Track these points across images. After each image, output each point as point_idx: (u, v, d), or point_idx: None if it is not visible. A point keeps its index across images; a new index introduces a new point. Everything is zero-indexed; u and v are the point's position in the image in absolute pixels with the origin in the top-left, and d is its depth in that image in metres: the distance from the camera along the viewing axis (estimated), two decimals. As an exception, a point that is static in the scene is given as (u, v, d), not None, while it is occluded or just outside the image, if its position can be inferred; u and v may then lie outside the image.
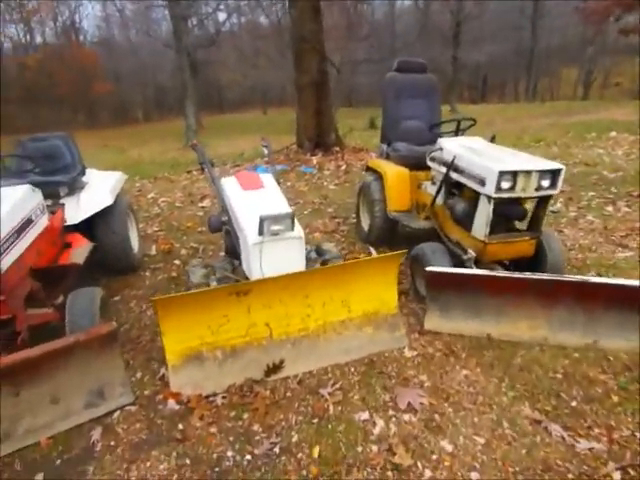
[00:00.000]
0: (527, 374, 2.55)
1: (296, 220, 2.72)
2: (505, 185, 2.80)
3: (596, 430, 2.17)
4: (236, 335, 2.65)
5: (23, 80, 31.54)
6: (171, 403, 2.47)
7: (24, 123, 28.97)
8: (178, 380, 2.55)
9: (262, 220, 2.54)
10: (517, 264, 3.24)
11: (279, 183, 3.58)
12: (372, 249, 4.27)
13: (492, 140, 3.69)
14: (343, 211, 5.50)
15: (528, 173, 2.81)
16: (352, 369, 2.67)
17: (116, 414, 2.42)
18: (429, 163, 3.71)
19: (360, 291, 2.82)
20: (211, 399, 2.48)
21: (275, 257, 2.70)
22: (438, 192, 3.49)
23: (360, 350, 2.79)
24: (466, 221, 3.21)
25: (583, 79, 34.66)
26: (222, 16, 29.02)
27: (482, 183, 2.91)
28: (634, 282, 2.60)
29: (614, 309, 2.65)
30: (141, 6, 26.56)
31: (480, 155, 3.10)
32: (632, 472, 1.96)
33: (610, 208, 5.09)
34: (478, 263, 3.10)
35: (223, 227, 3.28)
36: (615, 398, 2.35)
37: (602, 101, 26.45)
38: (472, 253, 3.04)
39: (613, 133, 11.90)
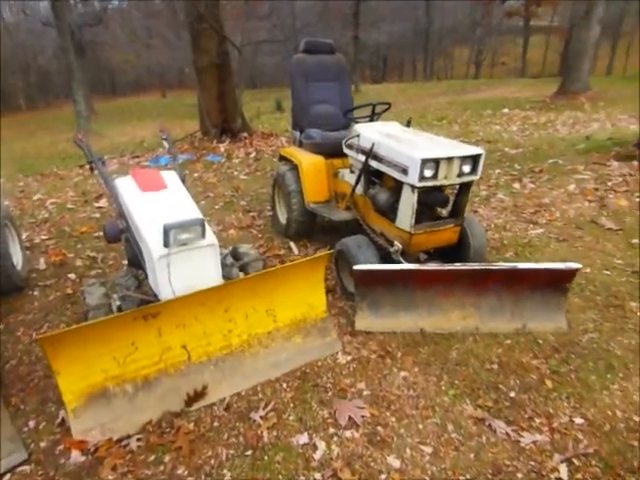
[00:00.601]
0: (464, 368, 2.47)
1: (207, 225, 2.39)
2: (428, 173, 2.68)
3: (537, 420, 2.14)
4: (148, 363, 2.30)
5: None
6: (75, 455, 2.07)
7: None
8: (81, 425, 2.15)
9: (167, 230, 2.19)
10: (440, 251, 3.17)
11: (185, 175, 3.21)
12: (293, 244, 4.03)
13: (408, 125, 3.58)
14: (257, 203, 5.18)
15: (450, 160, 2.70)
16: (284, 385, 2.43)
17: (6, 478, 1.99)
18: (346, 150, 3.52)
19: (285, 298, 2.57)
20: (124, 443, 2.11)
21: (186, 270, 2.37)
22: (357, 181, 3.31)
23: (291, 362, 2.55)
24: (389, 211, 3.07)
25: (474, 59, 36.69)
26: (109, -9, 26.70)
27: (404, 172, 2.76)
28: (558, 265, 2.61)
29: (539, 292, 2.66)
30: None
31: (399, 142, 2.95)
32: (577, 462, 1.94)
33: (517, 185, 5.28)
34: (404, 254, 2.98)
35: (122, 235, 2.86)
36: (549, 383, 2.35)
37: (492, 79, 28.26)
38: (398, 245, 2.91)
39: (506, 110, 12.67)
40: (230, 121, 9.15)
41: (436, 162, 2.66)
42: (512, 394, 2.29)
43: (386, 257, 3.00)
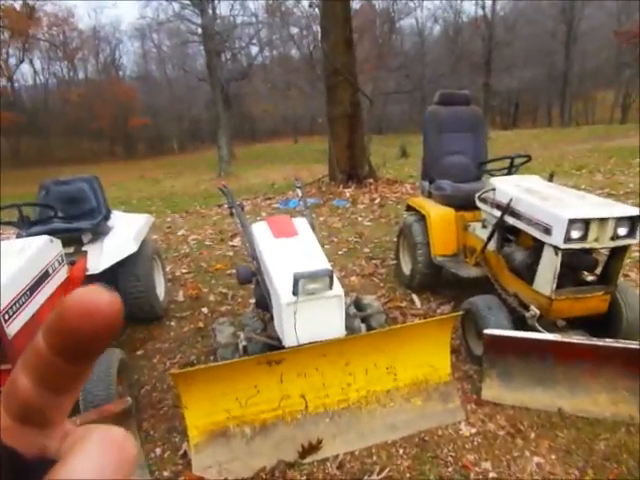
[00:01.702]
0: (615, 465, 2.11)
1: (335, 276, 2.41)
2: (576, 235, 2.43)
3: None
4: (267, 408, 2.33)
5: (66, 114, 33.03)
6: (193, 490, 2.15)
7: (66, 155, 30.18)
8: (201, 461, 2.23)
9: (297, 279, 2.24)
10: (584, 319, 2.82)
11: (313, 221, 3.31)
12: (415, 297, 3.90)
13: (550, 179, 3.33)
14: (380, 251, 5.15)
15: (603, 221, 2.43)
16: (400, 451, 2.29)
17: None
18: (479, 204, 3.36)
19: (408, 356, 2.47)
20: (238, 486, 2.14)
21: (311, 318, 2.38)
22: (490, 237, 3.13)
23: (408, 426, 2.41)
24: (526, 273, 2.83)
25: (620, 102, 33.68)
26: (254, 49, 29.78)
27: (547, 232, 2.53)
28: None
29: None
30: (177, 42, 27.49)
31: (542, 198, 2.73)
32: None
33: (679, 247, 4.58)
34: (540, 320, 2.69)
35: (253, 277, 3.01)
36: None
37: (642, 124, 25.56)
38: (535, 310, 2.65)
39: (660, 158, 11.28)
40: (357, 167, 9.38)
41: (586, 223, 2.41)
42: (679, 507, 1.90)
43: (519, 322, 2.75)
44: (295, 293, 2.28)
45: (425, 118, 4.11)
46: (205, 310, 3.93)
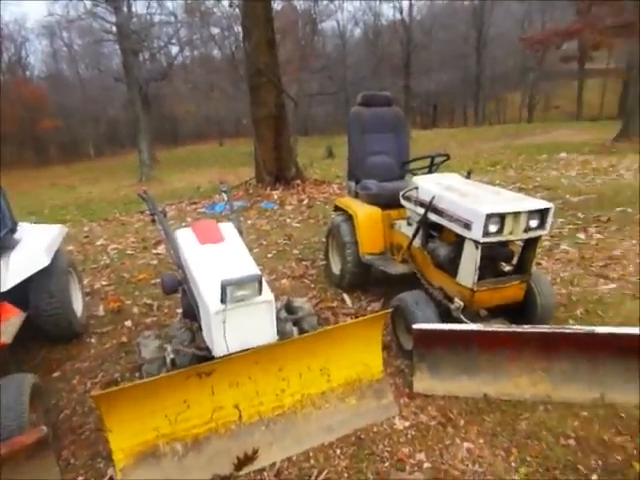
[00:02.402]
0: (536, 442, 2.24)
1: (264, 281, 2.36)
2: (493, 228, 2.55)
3: (626, 513, 1.88)
4: (199, 422, 2.24)
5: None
6: (121, 517, 2.01)
7: None
8: (129, 485, 2.10)
9: (224, 286, 2.17)
10: (504, 308, 2.98)
11: (241, 225, 3.25)
12: (346, 296, 3.93)
13: (468, 176, 3.49)
14: (310, 252, 5.16)
15: (517, 214, 2.57)
16: (338, 451, 2.29)
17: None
18: (403, 202, 3.45)
19: (340, 356, 2.47)
20: (171, 507, 2.03)
21: (241, 326, 2.32)
22: (415, 234, 3.22)
23: (344, 425, 2.41)
24: (450, 267, 2.94)
25: (527, 103, 36.32)
26: (174, 49, 28.82)
27: (467, 227, 2.65)
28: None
29: (620, 359, 2.41)
30: (90, 41, 25.97)
31: (461, 195, 2.85)
32: None
33: (582, 235, 5.00)
34: (465, 311, 2.81)
35: (179, 287, 2.88)
36: (637, 466, 2.08)
37: (545, 123, 27.72)
38: (459, 302, 2.76)
39: (563, 154, 12.29)
40: (284, 169, 9.36)
41: (502, 217, 2.54)
42: (594, 477, 2.05)
43: (445, 314, 2.85)
44: (223, 301, 2.20)
45: (349, 119, 4.16)
46: (128, 323, 3.72)
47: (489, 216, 2.51)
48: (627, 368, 2.41)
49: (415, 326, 2.51)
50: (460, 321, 2.76)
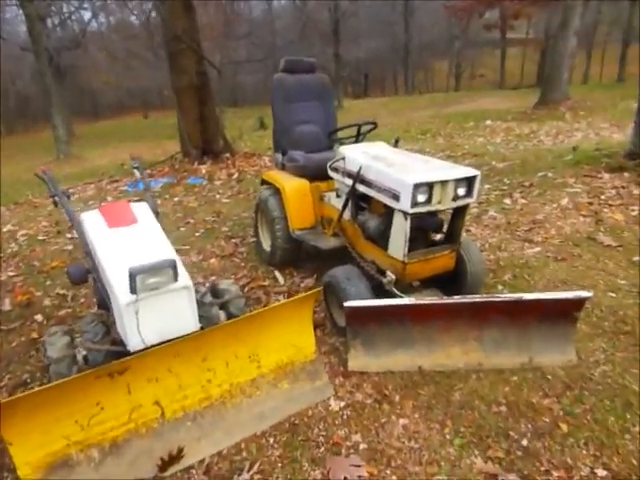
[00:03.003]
0: (470, 412, 2.24)
1: (180, 265, 2.16)
2: (421, 198, 2.48)
3: (555, 474, 1.91)
4: (116, 424, 2.04)
5: None
6: (29, 538, 1.79)
7: None
8: (39, 501, 1.88)
9: (133, 275, 1.94)
10: (435, 277, 2.95)
11: (157, 206, 2.99)
12: (278, 273, 3.79)
13: (396, 144, 3.40)
14: (240, 229, 4.93)
15: (444, 183, 2.51)
16: (271, 440, 2.17)
17: None
18: (331, 174, 3.31)
19: (270, 341, 2.34)
20: (87, 522, 1.84)
21: (157, 316, 2.11)
22: (345, 207, 3.10)
23: (278, 412, 2.30)
24: (381, 239, 2.86)
25: (454, 72, 37.14)
26: (87, 15, 26.61)
27: (396, 198, 2.55)
28: (566, 294, 2.42)
29: (546, 323, 2.45)
30: (-12, 4, 23.29)
31: (389, 165, 2.75)
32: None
33: (508, 201, 5.12)
34: (397, 284, 2.75)
35: (88, 275, 2.61)
36: (564, 427, 2.12)
37: (471, 91, 28.54)
38: (391, 275, 2.69)
39: (488, 121, 12.66)
40: (211, 142, 8.94)
41: (429, 186, 2.47)
42: (524, 442, 2.07)
43: (378, 288, 2.78)
44: (133, 291, 1.98)
45: (272, 87, 3.93)
46: (39, 317, 3.37)
47: (417, 186, 2.43)
48: (552, 331, 2.46)
49: (346, 304, 2.41)
50: (393, 294, 2.70)
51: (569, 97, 13.93)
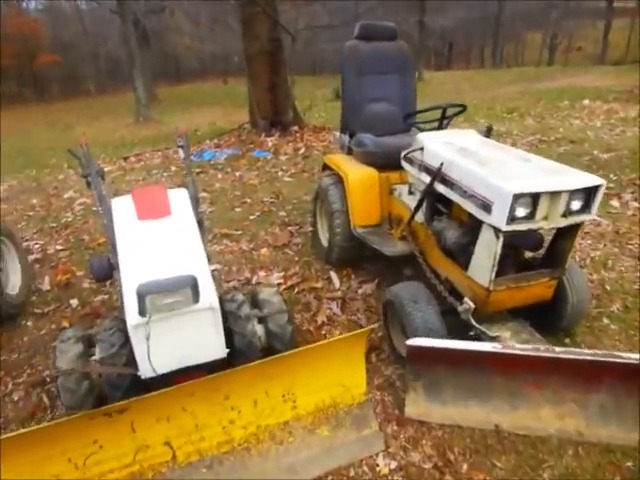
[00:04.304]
0: (563, 507, 1.69)
1: (207, 278, 1.75)
2: (521, 213, 1.88)
3: None
4: (117, 465, 1.71)
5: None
6: None
7: None
8: None
9: (141, 295, 1.55)
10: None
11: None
12: (333, 274, 3.31)
13: (488, 134, 2.75)
14: (298, 214, 4.48)
15: (554, 195, 1.89)
16: (300, 504, 1.76)
17: None
18: (404, 165, 2.76)
19: (311, 378, 1.89)
20: None
21: (173, 340, 1.74)
22: (418, 208, 2.54)
23: (312, 466, 1.86)
24: (460, 255, 2.29)
25: (548, 44, 33.99)
26: (173, -22, 26.72)
27: (486, 208, 1.97)
28: None
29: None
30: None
31: (479, 162, 2.15)
32: None
33: (616, 203, 4.26)
34: (476, 312, 2.19)
35: (114, 272, 2.28)
36: None
37: (567, 66, 25.95)
38: (470, 304, 2.13)
39: (586, 101, 11.25)
40: (281, 113, 8.50)
41: (534, 198, 1.86)
42: None
43: (451, 312, 2.24)
44: (142, 313, 1.60)
45: (343, 56, 3.38)
46: (75, 302, 3.14)
47: (517, 196, 1.83)
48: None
49: (409, 342, 1.90)
50: (469, 324, 2.16)
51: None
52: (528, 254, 2.40)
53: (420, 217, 2.63)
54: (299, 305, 2.97)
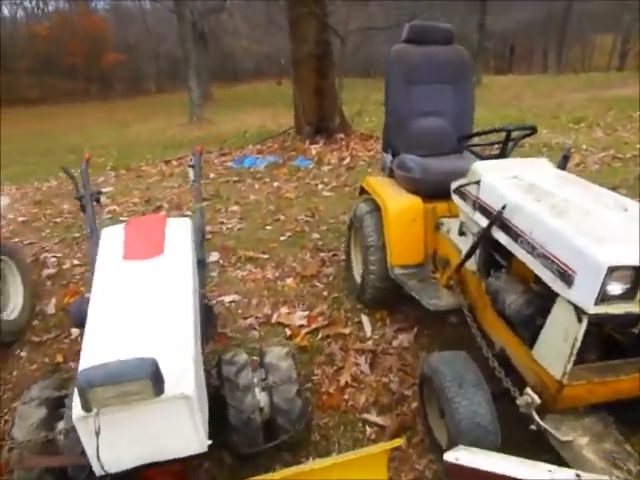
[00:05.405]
0: None
1: (184, 357, 1.33)
2: (617, 290, 1.35)
3: None
4: None
5: (34, 49, 30.18)
6: None
7: (37, 94, 27.90)
8: None
9: (82, 389, 1.16)
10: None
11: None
12: (365, 318, 2.83)
13: (564, 163, 2.20)
14: (334, 238, 4.00)
15: (666, 266, 1.34)
16: None
17: None
18: (455, 199, 2.25)
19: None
20: None
21: (133, 435, 1.33)
22: (470, 254, 2.04)
23: None
24: (523, 325, 1.77)
25: (619, 48, 31.75)
26: (231, -19, 26.99)
27: (565, 278, 1.45)
28: None
29: None
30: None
31: (555, 209, 1.62)
32: None
33: None
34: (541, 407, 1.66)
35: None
36: None
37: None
38: (533, 396, 1.60)
39: (663, 111, 10.13)
40: (327, 119, 8.09)
41: (638, 271, 1.33)
42: None
43: (505, 398, 1.72)
44: (86, 409, 1.20)
45: (388, 62, 2.90)
46: (75, 332, 2.83)
47: (613, 269, 1.30)
48: None
49: (447, 457, 1.41)
50: (530, 419, 1.63)
51: None
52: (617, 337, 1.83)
53: (471, 264, 2.12)
54: (321, 356, 2.52)
